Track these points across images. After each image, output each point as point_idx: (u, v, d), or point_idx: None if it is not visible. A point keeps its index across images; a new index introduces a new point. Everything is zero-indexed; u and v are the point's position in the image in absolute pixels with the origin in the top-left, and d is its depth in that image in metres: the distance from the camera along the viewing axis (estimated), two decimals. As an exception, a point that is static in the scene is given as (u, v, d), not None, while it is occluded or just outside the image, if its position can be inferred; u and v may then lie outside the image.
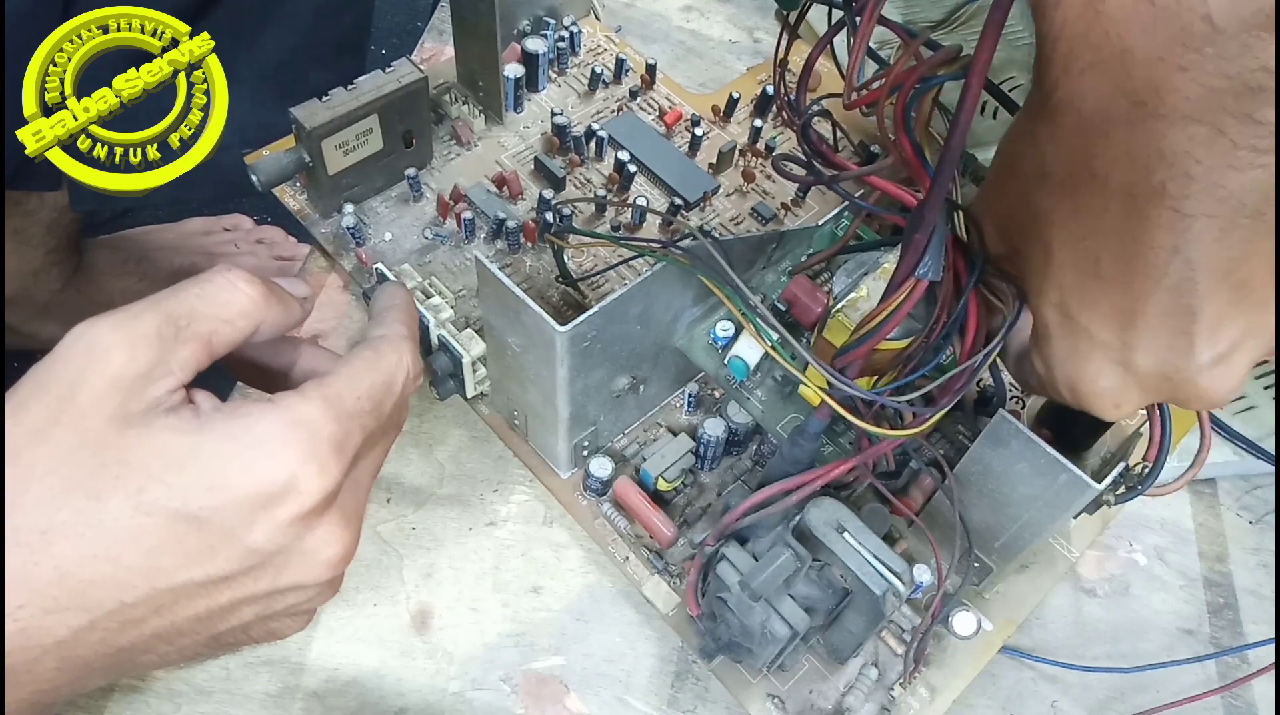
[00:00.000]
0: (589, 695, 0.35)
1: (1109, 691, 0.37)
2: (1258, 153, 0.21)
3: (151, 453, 0.24)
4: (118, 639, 0.24)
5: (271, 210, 0.92)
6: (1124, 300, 0.24)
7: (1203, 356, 0.24)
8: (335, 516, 0.26)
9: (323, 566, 0.26)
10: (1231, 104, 0.20)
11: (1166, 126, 0.21)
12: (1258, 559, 0.41)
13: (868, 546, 0.31)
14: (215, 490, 0.24)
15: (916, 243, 0.27)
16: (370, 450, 0.28)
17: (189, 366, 0.25)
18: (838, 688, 0.35)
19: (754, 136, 0.48)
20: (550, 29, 0.50)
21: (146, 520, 0.23)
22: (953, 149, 0.24)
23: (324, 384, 0.26)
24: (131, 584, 0.23)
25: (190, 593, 0.24)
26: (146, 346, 0.24)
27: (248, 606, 0.26)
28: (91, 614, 0.23)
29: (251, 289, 0.27)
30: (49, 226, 0.70)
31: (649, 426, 0.40)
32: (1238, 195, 0.21)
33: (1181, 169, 0.21)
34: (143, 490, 0.23)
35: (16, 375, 0.24)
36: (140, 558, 0.23)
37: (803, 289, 0.37)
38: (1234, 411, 0.43)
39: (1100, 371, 0.26)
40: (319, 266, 0.45)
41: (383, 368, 0.28)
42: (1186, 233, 0.22)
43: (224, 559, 0.24)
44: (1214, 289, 0.23)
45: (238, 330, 0.26)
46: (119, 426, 0.24)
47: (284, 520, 0.25)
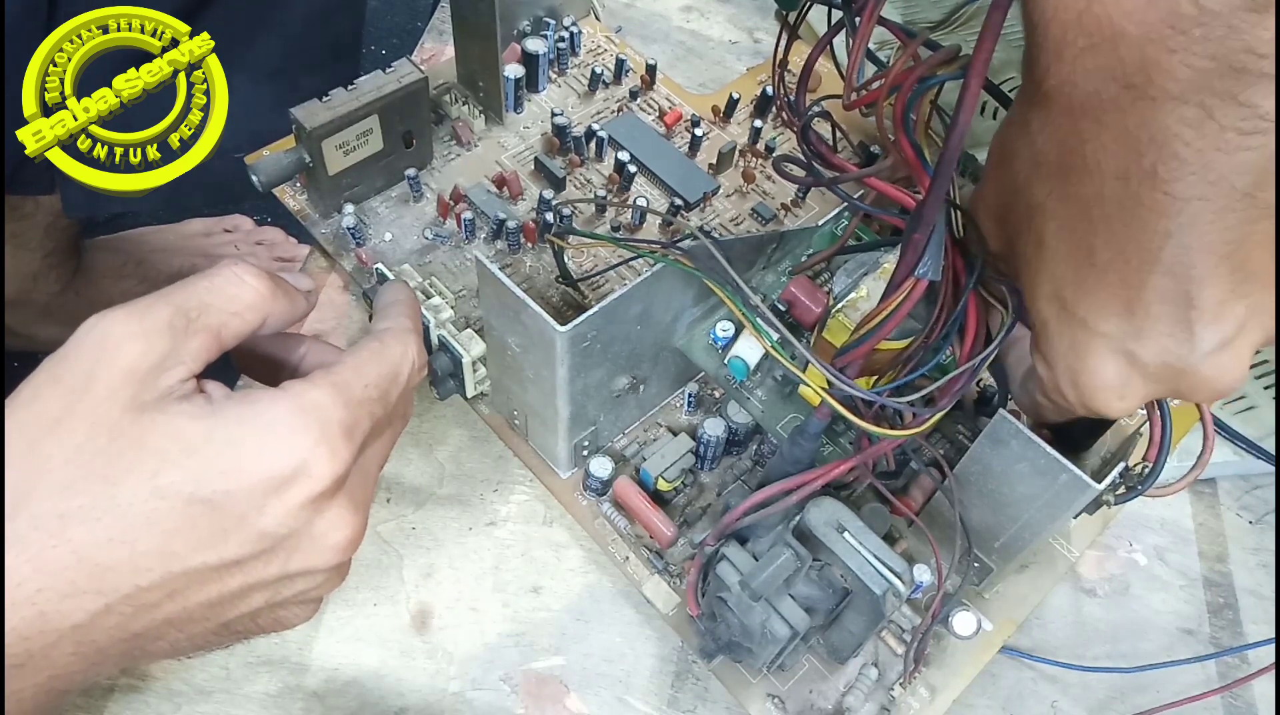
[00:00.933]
0: (589, 695, 0.35)
1: (1109, 691, 0.37)
2: (1244, 134, 0.21)
3: (166, 438, 0.24)
4: (132, 624, 0.24)
5: (271, 210, 0.92)
6: (1121, 288, 0.24)
7: (1204, 343, 0.24)
8: (344, 501, 0.26)
9: (331, 551, 0.27)
10: (1218, 85, 0.20)
11: (1155, 109, 0.21)
12: (1258, 559, 0.41)
13: (868, 546, 0.30)
14: (229, 474, 0.24)
15: (916, 242, 0.27)
16: (377, 439, 0.29)
17: (200, 357, 0.26)
18: (838, 688, 0.35)
19: (754, 137, 0.48)
20: (550, 29, 0.50)
21: (162, 504, 0.24)
22: (952, 149, 0.24)
23: (332, 372, 0.27)
24: (147, 567, 0.24)
25: (203, 577, 0.25)
26: (159, 337, 0.25)
27: (258, 593, 0.26)
28: (107, 598, 0.23)
29: (258, 282, 0.27)
30: (46, 229, 0.70)
31: (649, 426, 0.40)
32: (1228, 178, 0.21)
33: (1171, 151, 0.22)
34: (158, 474, 0.24)
35: (17, 376, 0.25)
36: (155, 541, 0.24)
37: (803, 289, 0.37)
38: (1234, 412, 0.43)
39: (1102, 363, 0.26)
40: (319, 266, 0.45)
41: (389, 358, 0.29)
42: (1179, 216, 0.22)
43: (236, 543, 0.25)
44: (1212, 273, 0.23)
45: (246, 322, 0.27)
46: (134, 414, 0.24)
47: (295, 504, 0.25)
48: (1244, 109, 0.20)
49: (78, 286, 0.77)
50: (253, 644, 0.35)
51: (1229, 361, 0.25)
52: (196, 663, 0.35)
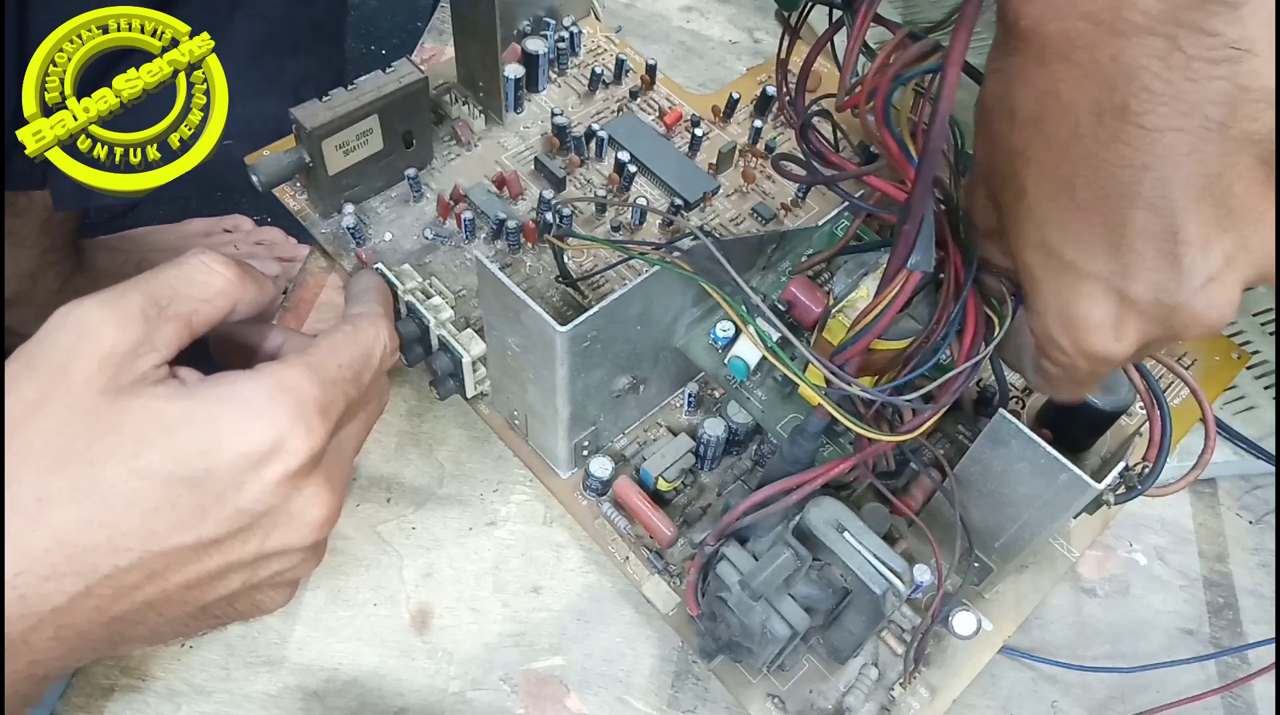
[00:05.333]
0: (589, 695, 0.35)
1: (1109, 691, 0.37)
2: (1213, 64, 0.21)
3: (144, 419, 0.25)
4: (112, 607, 0.24)
5: (271, 210, 0.92)
6: (1104, 228, 0.24)
7: (1193, 278, 0.24)
8: (320, 479, 0.27)
9: (308, 529, 0.27)
10: (1184, 16, 0.21)
11: (1124, 42, 0.22)
12: (1258, 559, 0.41)
13: (868, 546, 0.31)
14: (207, 452, 0.25)
15: (905, 234, 0.27)
16: (351, 420, 0.30)
17: (173, 343, 0.27)
18: (838, 688, 0.35)
19: (754, 137, 0.48)
20: (550, 29, 0.50)
21: (141, 484, 0.24)
22: (934, 138, 0.24)
23: (307, 353, 0.28)
24: (126, 548, 0.24)
25: (182, 557, 0.25)
26: (133, 324, 0.25)
27: (236, 574, 0.27)
28: (87, 580, 0.24)
29: (226, 269, 0.28)
30: (42, 226, 0.70)
31: (649, 426, 0.40)
32: (1200, 108, 0.22)
33: (1141, 84, 0.22)
34: (137, 455, 0.24)
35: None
36: (135, 522, 0.24)
37: (803, 289, 0.37)
38: (1234, 412, 0.43)
39: (1093, 304, 0.25)
40: (319, 266, 0.45)
41: (361, 340, 0.30)
42: (1154, 148, 0.22)
43: (215, 521, 0.25)
44: (1194, 207, 0.23)
45: (216, 308, 0.28)
46: (111, 398, 0.24)
47: (272, 480, 0.25)
48: (1210, 38, 0.21)
49: (77, 285, 0.77)
50: (253, 644, 0.35)
51: (1219, 296, 0.24)
52: (196, 662, 0.35)
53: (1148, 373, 0.32)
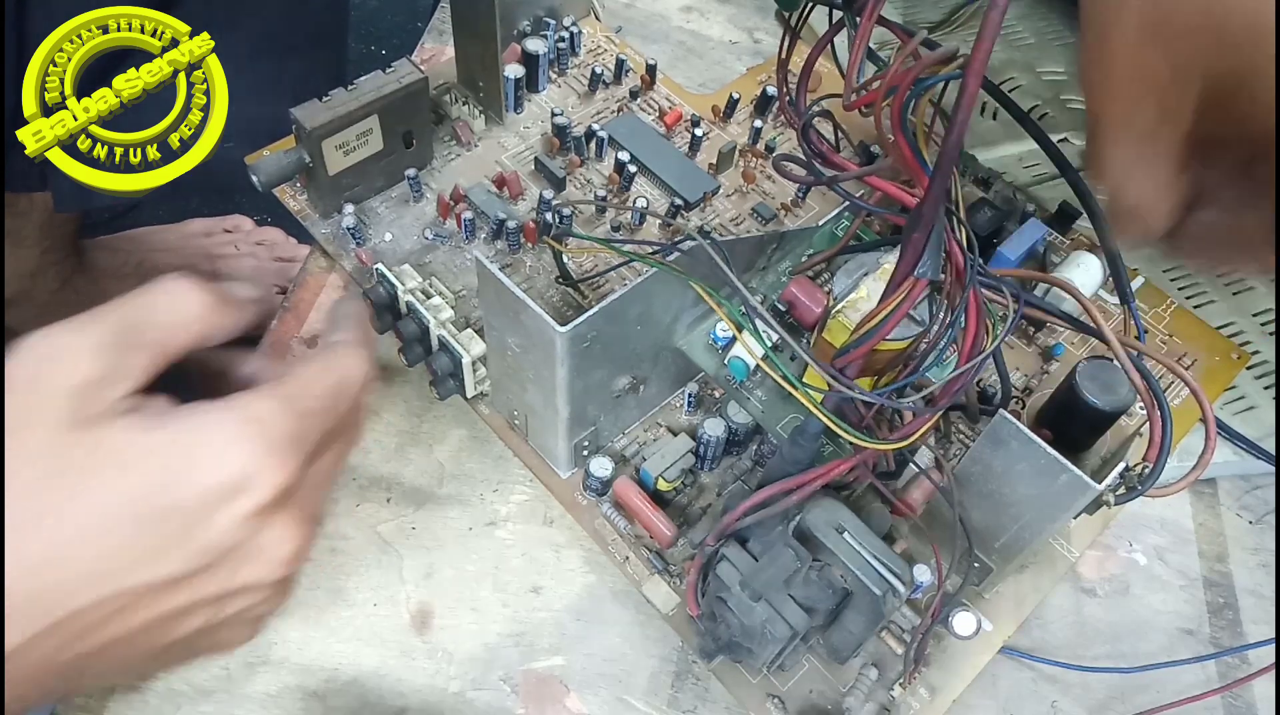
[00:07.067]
0: (589, 695, 0.35)
1: (1109, 692, 0.37)
2: None
3: (110, 454, 0.24)
4: (66, 650, 0.24)
5: (271, 210, 0.92)
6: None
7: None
8: (291, 513, 0.26)
9: (276, 564, 0.26)
10: None
11: None
12: (1258, 559, 0.41)
13: (868, 547, 0.30)
14: (173, 486, 0.24)
15: (915, 242, 0.27)
16: (326, 450, 0.29)
17: (144, 372, 0.26)
18: (838, 688, 0.35)
19: (754, 137, 0.48)
20: (550, 29, 0.50)
21: (104, 521, 0.23)
22: (950, 148, 0.24)
23: (280, 384, 0.27)
24: (84, 589, 0.23)
25: (143, 595, 0.24)
26: (103, 353, 0.25)
27: (199, 611, 0.26)
28: (41, 622, 0.23)
29: (201, 295, 0.27)
30: (42, 227, 0.70)
31: (649, 426, 0.40)
32: None
33: None
34: (99, 491, 0.23)
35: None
36: (94, 562, 0.23)
37: (803, 289, 0.37)
38: (1234, 412, 0.43)
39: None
40: (319, 266, 0.45)
41: (337, 370, 0.29)
42: None
43: (179, 558, 0.24)
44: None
45: (191, 334, 0.27)
46: (78, 431, 0.24)
47: (240, 515, 0.25)
48: None
49: (77, 285, 0.77)
50: (254, 644, 0.35)
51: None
52: (197, 662, 0.35)
53: (1148, 373, 0.32)
